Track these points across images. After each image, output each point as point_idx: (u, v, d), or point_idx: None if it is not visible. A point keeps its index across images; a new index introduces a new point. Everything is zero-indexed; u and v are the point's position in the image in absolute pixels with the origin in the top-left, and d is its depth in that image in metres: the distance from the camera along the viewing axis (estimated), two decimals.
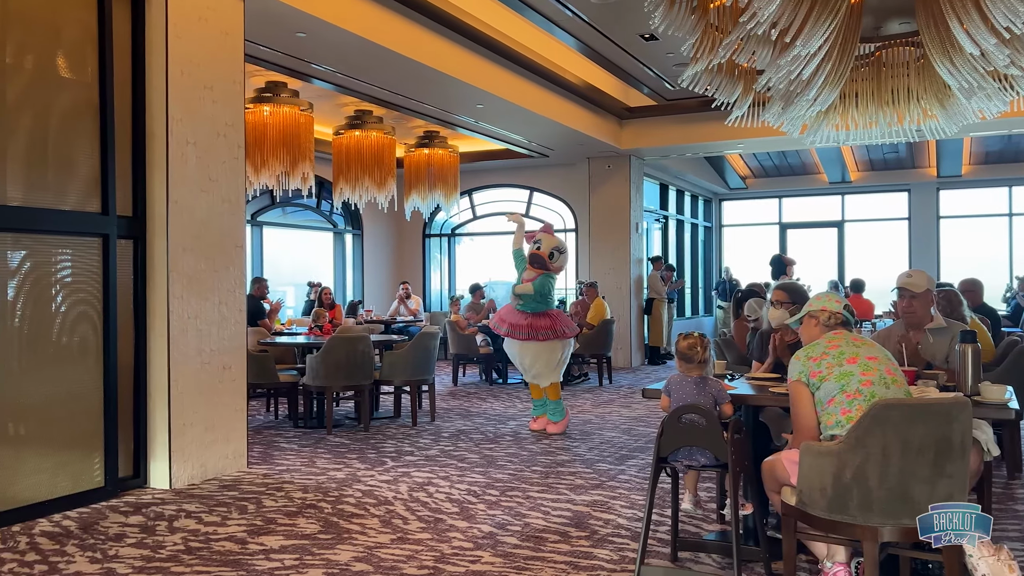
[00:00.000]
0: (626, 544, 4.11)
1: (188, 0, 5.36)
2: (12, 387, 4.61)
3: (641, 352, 13.50)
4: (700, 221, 17.31)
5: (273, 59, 7.39)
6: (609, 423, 7.69)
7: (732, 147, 12.90)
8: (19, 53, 4.73)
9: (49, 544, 4.13)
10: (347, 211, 13.72)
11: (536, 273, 7.13)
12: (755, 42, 4.32)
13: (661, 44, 8.79)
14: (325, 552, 3.99)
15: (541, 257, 7.11)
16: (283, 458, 6.16)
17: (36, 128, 4.80)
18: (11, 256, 4.66)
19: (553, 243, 7.19)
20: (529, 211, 14.53)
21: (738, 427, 3.60)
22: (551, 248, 7.13)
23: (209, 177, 5.53)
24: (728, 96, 5.35)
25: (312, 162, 8.49)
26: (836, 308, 3.42)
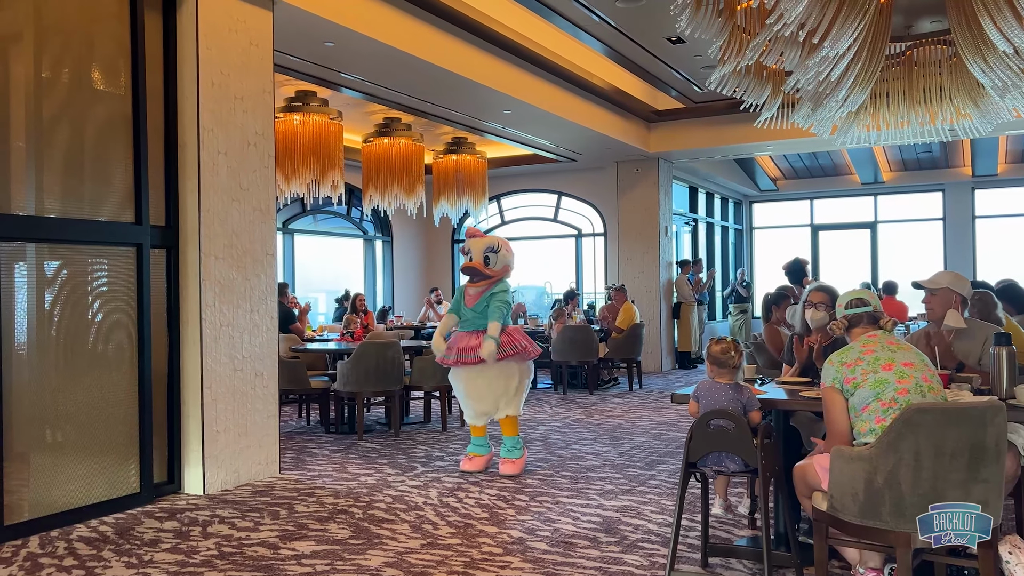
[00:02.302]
0: (656, 550, 4.09)
1: (218, 12, 5.45)
2: (50, 394, 4.70)
3: (671, 356, 13.42)
4: (730, 224, 17.18)
5: (302, 69, 7.47)
6: (639, 428, 7.65)
7: (762, 149, 12.79)
8: (55, 67, 4.83)
9: (86, 549, 4.21)
10: (377, 218, 13.81)
11: (480, 287, 5.95)
12: (783, 43, 4.29)
13: (688, 47, 8.75)
14: (356, 557, 4.02)
15: (474, 267, 5.93)
16: (315, 463, 6.22)
17: (72, 140, 4.91)
18: (48, 266, 4.76)
19: (483, 245, 5.97)
20: (557, 216, 14.54)
21: (768, 432, 3.57)
22: (483, 252, 5.93)
23: (240, 186, 5.61)
24: (757, 98, 5.31)
25: (342, 170, 8.57)
26: (846, 313, 3.39)
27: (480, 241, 6.02)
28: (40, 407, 4.64)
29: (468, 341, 5.85)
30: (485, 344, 5.68)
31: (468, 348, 5.82)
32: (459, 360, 5.85)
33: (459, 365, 5.89)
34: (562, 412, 8.66)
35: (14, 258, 4.53)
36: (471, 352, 5.79)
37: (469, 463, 5.96)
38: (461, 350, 5.84)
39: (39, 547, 4.23)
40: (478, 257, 5.93)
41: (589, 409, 8.86)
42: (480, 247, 5.95)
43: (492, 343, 5.67)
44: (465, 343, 5.85)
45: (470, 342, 5.83)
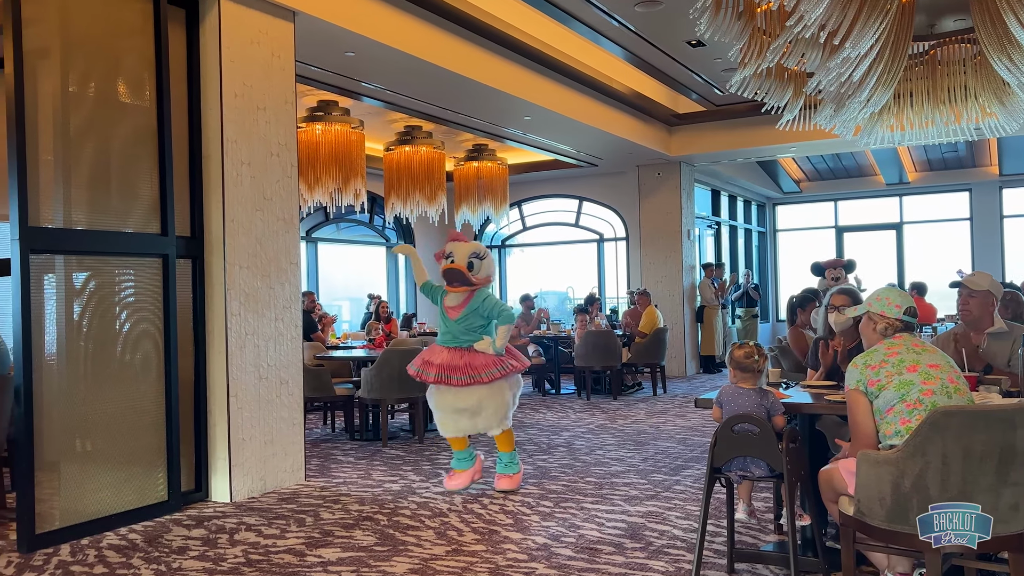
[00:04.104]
0: (682, 555, 4.07)
1: (241, 25, 5.52)
2: (80, 404, 4.77)
3: (696, 361, 13.36)
4: (754, 226, 17.08)
5: (324, 79, 7.54)
6: (664, 433, 7.62)
7: (784, 151, 12.71)
8: (82, 82, 4.91)
9: (116, 557, 4.26)
10: (399, 225, 13.87)
11: (463, 293, 5.55)
12: (804, 45, 4.27)
13: (708, 50, 8.73)
14: (381, 564, 4.04)
15: (458, 271, 5.50)
16: (340, 470, 6.25)
17: (98, 153, 4.98)
18: (77, 277, 4.83)
19: (468, 250, 5.56)
20: (579, 221, 14.53)
21: (794, 436, 3.54)
22: (468, 256, 5.52)
23: (264, 196, 5.67)
24: (778, 100, 5.29)
25: (364, 178, 8.62)
26: (894, 315, 3.32)
27: (465, 246, 5.60)
28: (70, 417, 4.71)
29: (453, 359, 5.37)
30: (482, 344, 5.40)
31: (454, 368, 5.33)
32: (441, 379, 5.37)
33: (442, 385, 5.42)
34: (586, 418, 8.64)
35: (44, 270, 4.60)
36: (459, 373, 5.32)
37: (453, 481, 5.57)
38: (444, 368, 5.36)
39: (70, 555, 4.29)
40: (461, 261, 5.50)
41: (613, 414, 8.84)
42: (465, 252, 5.54)
43: (491, 348, 5.40)
44: (448, 360, 5.37)
45: (455, 360, 5.35)
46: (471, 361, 5.36)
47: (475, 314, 5.47)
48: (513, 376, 5.57)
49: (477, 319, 5.48)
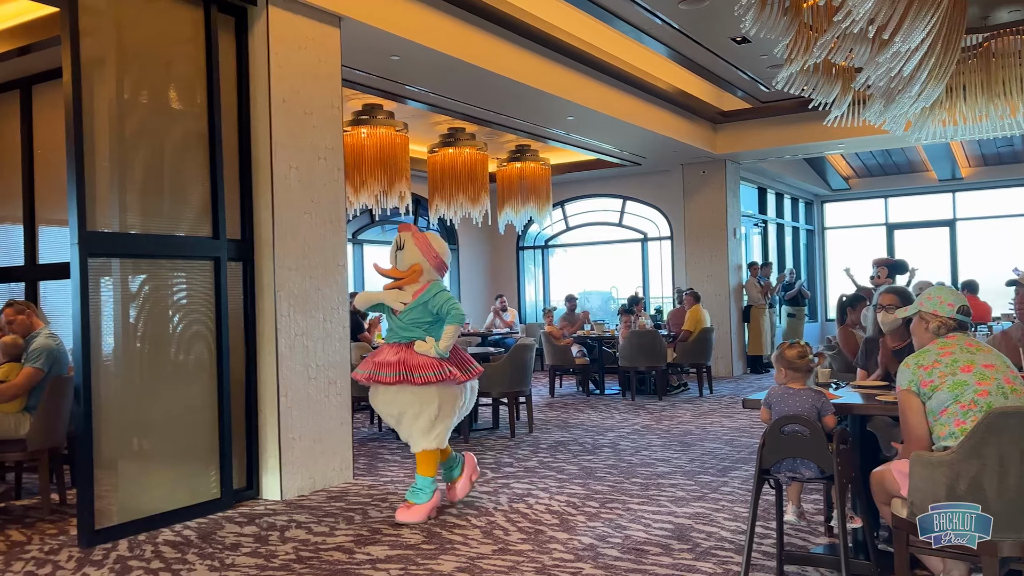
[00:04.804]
0: (730, 557, 4.03)
1: (288, 31, 5.61)
2: (136, 404, 4.90)
3: (743, 361, 13.21)
4: (801, 224, 16.82)
5: (369, 82, 7.62)
6: (710, 434, 7.56)
7: (832, 147, 12.50)
8: (136, 89, 5.05)
9: (172, 552, 4.36)
10: (443, 227, 13.96)
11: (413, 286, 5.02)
12: (852, 40, 4.20)
13: (753, 46, 8.63)
14: (429, 562, 4.07)
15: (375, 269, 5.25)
16: (387, 469, 6.32)
17: (152, 159, 5.11)
18: (132, 280, 4.96)
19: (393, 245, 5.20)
20: (622, 220, 14.47)
21: (844, 437, 3.50)
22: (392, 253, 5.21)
23: (311, 199, 5.75)
24: (826, 96, 5.21)
25: (408, 180, 8.70)
26: (947, 314, 3.25)
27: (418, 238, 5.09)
28: (127, 416, 4.83)
29: (386, 355, 4.88)
30: (423, 345, 4.85)
31: (385, 364, 4.85)
32: (372, 376, 4.90)
33: (371, 383, 4.95)
34: (631, 418, 8.61)
35: (100, 273, 4.74)
36: (388, 369, 4.81)
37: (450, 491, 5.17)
38: (377, 365, 4.89)
39: (128, 550, 4.41)
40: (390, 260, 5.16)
41: (658, 415, 8.78)
42: (392, 248, 5.16)
43: (433, 350, 4.83)
44: (383, 357, 4.90)
45: (388, 357, 4.86)
46: (406, 359, 4.81)
47: (422, 308, 4.94)
48: (448, 385, 4.87)
49: (424, 315, 4.94)
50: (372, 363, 4.92)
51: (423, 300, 4.96)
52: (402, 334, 4.95)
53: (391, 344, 4.97)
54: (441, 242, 5.16)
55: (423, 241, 5.06)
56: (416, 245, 5.04)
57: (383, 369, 4.84)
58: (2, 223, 7.11)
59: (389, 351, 4.91)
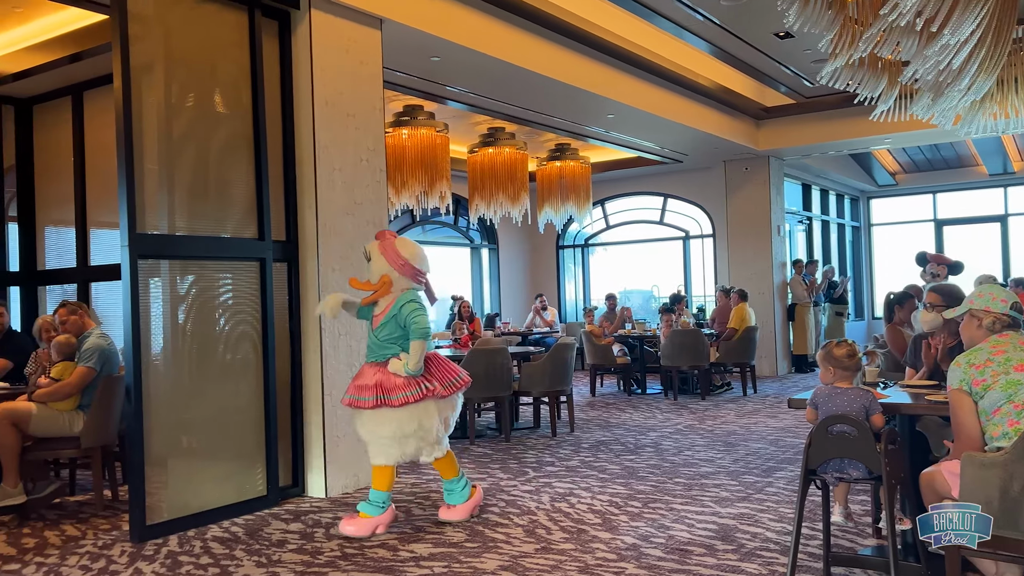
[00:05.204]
0: (775, 559, 3.99)
1: (331, 34, 5.68)
2: (184, 403, 5.00)
3: (787, 360, 13.04)
4: (847, 221, 16.55)
5: (409, 84, 7.67)
6: (755, 434, 7.47)
7: (879, 142, 12.28)
8: (183, 93, 5.15)
9: (220, 548, 4.45)
10: (483, 227, 14.01)
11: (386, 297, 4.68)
12: (899, 33, 4.13)
13: (797, 41, 8.52)
14: (472, 560, 4.10)
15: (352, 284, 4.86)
16: (428, 468, 6.35)
17: (198, 161, 5.21)
18: (180, 281, 5.06)
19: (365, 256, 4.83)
20: (663, 218, 14.37)
21: (893, 437, 3.43)
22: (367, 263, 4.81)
23: (354, 200, 5.81)
24: (872, 90, 5.13)
25: (449, 181, 8.75)
26: (1000, 310, 3.18)
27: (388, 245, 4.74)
28: (176, 414, 4.94)
29: (366, 378, 4.60)
30: (393, 364, 4.55)
31: (363, 388, 4.55)
32: (352, 402, 4.62)
33: (352, 407, 4.65)
34: (673, 418, 8.55)
35: (150, 274, 4.84)
36: (366, 393, 4.53)
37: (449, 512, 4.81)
38: (357, 388, 4.61)
39: (178, 546, 4.50)
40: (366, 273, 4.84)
41: (701, 415, 8.71)
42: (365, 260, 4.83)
43: (402, 369, 4.52)
44: (363, 380, 4.61)
45: (366, 380, 4.58)
46: (382, 380, 4.52)
47: (393, 323, 4.59)
48: (431, 401, 4.59)
49: (396, 329, 4.58)
50: (353, 386, 4.65)
51: (392, 314, 4.59)
52: (379, 352, 4.63)
53: (370, 364, 4.66)
54: (411, 246, 4.75)
55: (389, 249, 4.68)
56: (382, 254, 4.67)
57: (362, 393, 4.55)
58: (56, 226, 7.31)
59: (368, 372, 4.62)
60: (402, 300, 4.60)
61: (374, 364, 4.63)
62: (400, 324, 4.57)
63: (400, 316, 4.56)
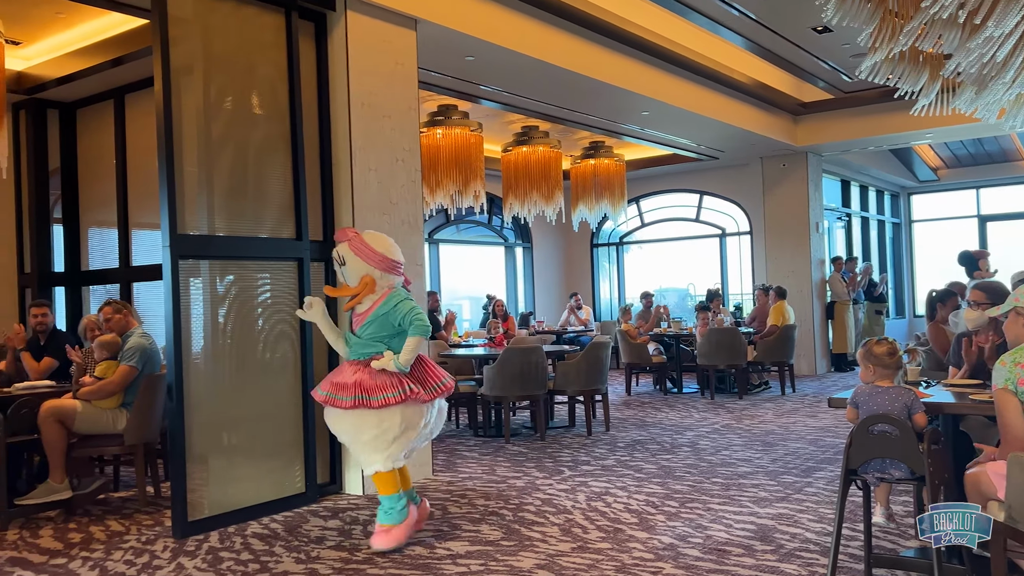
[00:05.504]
0: (815, 559, 3.94)
1: (366, 35, 5.72)
2: (225, 401, 5.07)
3: (826, 359, 12.86)
4: (887, 217, 16.28)
5: (444, 84, 7.71)
6: (793, 433, 7.39)
7: (920, 137, 12.07)
8: (221, 95, 5.22)
9: (260, 544, 4.51)
10: (517, 225, 14.02)
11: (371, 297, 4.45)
12: (940, 26, 4.05)
13: (835, 36, 8.40)
14: (508, 559, 4.10)
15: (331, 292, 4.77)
16: (465, 466, 6.38)
17: (236, 162, 5.28)
18: (219, 281, 5.14)
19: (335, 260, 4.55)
20: (699, 216, 14.26)
21: (936, 437, 3.37)
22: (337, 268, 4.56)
23: (390, 200, 5.85)
24: (913, 84, 5.03)
25: (483, 180, 8.77)
26: None
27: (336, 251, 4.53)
28: (216, 412, 5.01)
29: (345, 376, 4.37)
30: (381, 361, 4.33)
31: (341, 386, 4.33)
32: (328, 400, 4.39)
33: (327, 405, 4.43)
34: (710, 417, 8.48)
35: (190, 274, 4.92)
36: (344, 392, 4.30)
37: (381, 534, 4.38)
38: (334, 386, 4.38)
39: (218, 542, 4.57)
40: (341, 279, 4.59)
41: (739, 414, 8.63)
42: (336, 265, 4.56)
43: (392, 364, 4.30)
44: (341, 378, 4.38)
45: (345, 378, 4.35)
46: (362, 380, 4.29)
47: (381, 322, 4.39)
48: (412, 404, 4.33)
49: (384, 328, 4.39)
50: (330, 383, 4.42)
51: (382, 312, 4.39)
52: (361, 351, 4.41)
53: (351, 362, 4.43)
54: (381, 239, 4.52)
55: (361, 246, 4.42)
56: (356, 253, 4.41)
57: (340, 392, 4.32)
58: (99, 227, 7.46)
59: (348, 370, 4.39)
60: (394, 299, 4.41)
61: (355, 363, 4.42)
62: (393, 323, 4.37)
63: (394, 314, 4.37)
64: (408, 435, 4.37)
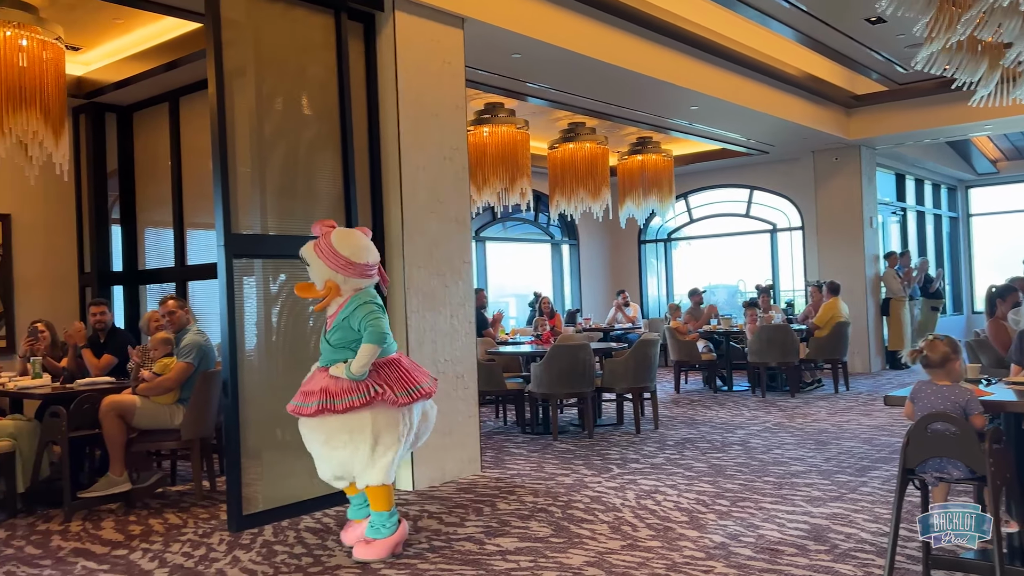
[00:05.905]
0: (871, 560, 3.87)
1: (414, 35, 5.76)
2: (278, 397, 5.13)
3: (881, 356, 12.60)
4: (944, 211, 15.88)
5: (490, 82, 7.72)
6: (847, 432, 7.25)
7: (978, 129, 11.74)
8: (272, 96, 5.31)
9: (313, 538, 4.58)
10: (563, 222, 13.99)
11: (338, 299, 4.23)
12: (1000, 14, 3.94)
13: (890, 26, 8.21)
14: (558, 556, 4.10)
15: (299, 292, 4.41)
16: (513, 463, 6.40)
17: (287, 162, 5.36)
18: (272, 280, 5.22)
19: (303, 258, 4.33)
20: (749, 211, 14.07)
21: (998, 436, 3.29)
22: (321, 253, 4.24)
23: (438, 199, 5.89)
24: (970, 75, 4.90)
25: (529, 177, 8.76)
26: None
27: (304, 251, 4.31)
28: (269, 408, 5.09)
29: (312, 383, 4.20)
30: (335, 369, 4.14)
31: (308, 393, 4.17)
32: (296, 408, 4.22)
33: (295, 415, 4.25)
34: (761, 415, 8.37)
35: (244, 273, 5.01)
36: (310, 399, 4.12)
37: (347, 534, 4.40)
38: (302, 394, 4.22)
39: (272, 535, 4.66)
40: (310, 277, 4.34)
41: (791, 412, 8.51)
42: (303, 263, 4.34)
43: (344, 373, 4.09)
44: (309, 385, 4.22)
45: (313, 385, 4.18)
46: (328, 385, 4.11)
47: (345, 326, 4.18)
48: (382, 409, 4.09)
49: (348, 333, 4.17)
50: (299, 392, 4.27)
51: (343, 317, 4.18)
52: (329, 357, 4.23)
53: (320, 369, 4.26)
54: (351, 240, 4.25)
55: (325, 247, 4.20)
56: (318, 255, 4.20)
57: (306, 399, 4.16)
58: (155, 227, 7.64)
59: (317, 377, 4.22)
60: (354, 303, 4.17)
61: (324, 369, 4.22)
62: (353, 327, 4.15)
63: (352, 319, 4.14)
64: (388, 444, 4.12)
